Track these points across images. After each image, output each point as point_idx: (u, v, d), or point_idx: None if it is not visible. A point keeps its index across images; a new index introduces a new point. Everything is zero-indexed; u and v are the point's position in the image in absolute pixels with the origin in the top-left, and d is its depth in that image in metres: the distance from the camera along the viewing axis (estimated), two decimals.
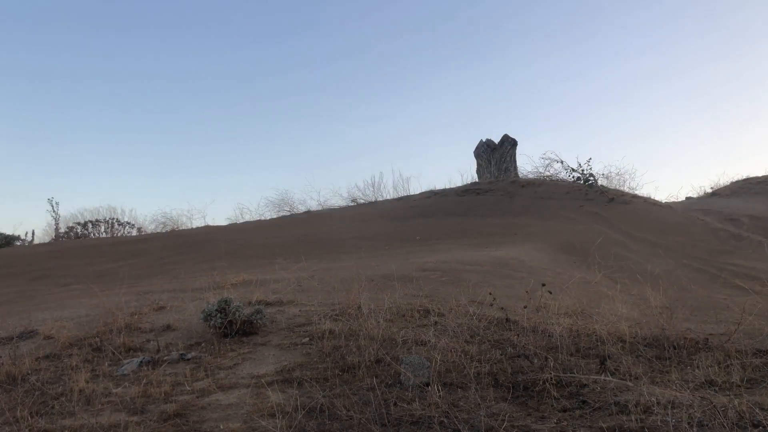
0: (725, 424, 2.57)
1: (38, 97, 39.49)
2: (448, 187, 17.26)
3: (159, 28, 41.24)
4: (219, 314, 4.48)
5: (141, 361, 3.97)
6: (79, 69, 39.76)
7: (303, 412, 2.90)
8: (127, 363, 3.97)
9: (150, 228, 19.70)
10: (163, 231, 18.62)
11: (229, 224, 18.16)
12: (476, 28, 43.72)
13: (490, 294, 5.40)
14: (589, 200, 14.10)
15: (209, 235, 14.77)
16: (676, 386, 3.16)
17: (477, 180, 17.64)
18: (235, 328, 4.47)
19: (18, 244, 17.39)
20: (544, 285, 5.07)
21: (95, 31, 39.94)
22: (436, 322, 4.54)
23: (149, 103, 41.86)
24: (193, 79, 42.51)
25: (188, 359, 4.03)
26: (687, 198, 19.65)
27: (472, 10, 43.01)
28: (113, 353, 4.23)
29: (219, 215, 51.21)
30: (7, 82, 37.00)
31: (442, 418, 2.79)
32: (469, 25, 43.27)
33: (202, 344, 4.38)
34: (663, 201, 16.35)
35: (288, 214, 18.40)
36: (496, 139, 18.05)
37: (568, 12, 42.63)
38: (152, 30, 40.97)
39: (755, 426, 2.57)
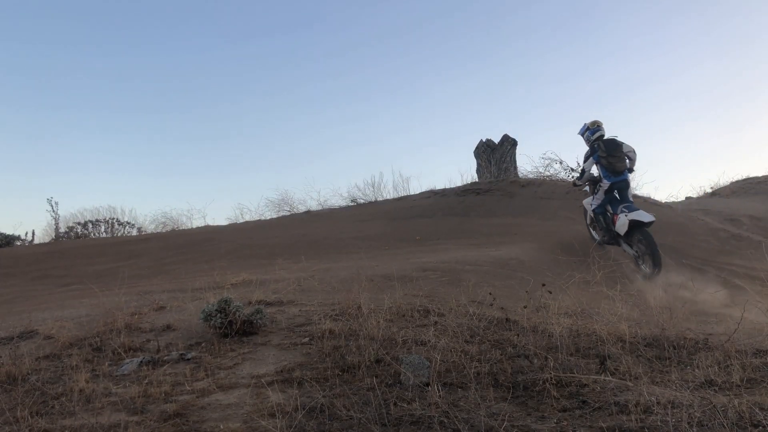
0: (725, 424, 2.57)
1: (38, 95, 39.47)
2: (448, 187, 17.26)
3: (158, 25, 41.23)
4: (219, 314, 4.48)
5: (141, 361, 3.97)
6: (78, 67, 39.74)
7: (303, 411, 2.90)
8: (127, 363, 3.97)
9: (150, 228, 19.69)
10: (163, 231, 18.60)
11: (229, 224, 18.15)
12: (476, 27, 43.70)
13: (490, 294, 5.40)
14: None
15: (209, 235, 14.77)
16: (676, 386, 3.17)
17: (477, 180, 17.63)
18: (235, 328, 4.47)
19: (18, 244, 17.36)
20: (544, 285, 5.08)
21: (94, 28, 39.92)
22: (436, 322, 4.54)
23: (149, 102, 41.84)
24: (193, 78, 42.49)
25: (188, 359, 4.03)
26: (687, 198, 19.64)
27: (471, 7, 43.00)
28: (113, 353, 4.23)
29: (219, 215, 51.17)
30: (6, 81, 36.98)
31: (442, 418, 2.80)
32: (468, 24, 43.26)
33: (202, 344, 4.38)
34: (663, 201, 16.33)
35: (288, 214, 18.38)
36: (496, 139, 18.06)
37: (568, 10, 42.62)
38: (152, 27, 40.96)
39: (755, 426, 2.57)
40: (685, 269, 9.33)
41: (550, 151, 23.80)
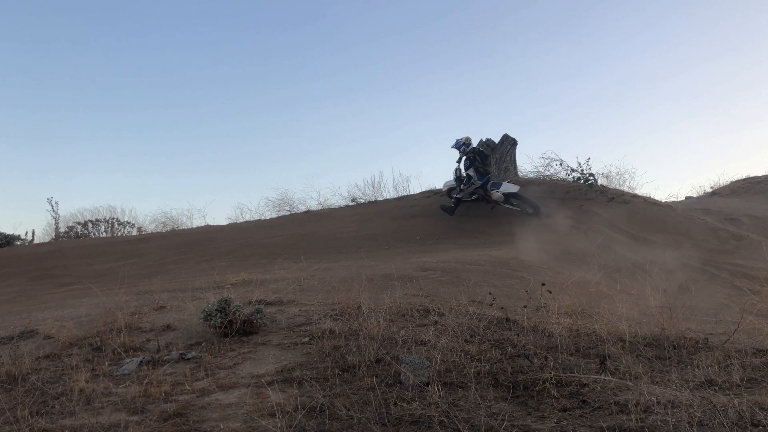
0: (725, 424, 2.58)
1: (38, 96, 39.48)
2: None
3: (158, 24, 41.23)
4: (219, 314, 4.48)
5: (141, 361, 3.98)
6: (78, 67, 39.75)
7: (303, 411, 2.90)
8: (128, 363, 3.97)
9: (150, 228, 19.69)
10: (163, 231, 18.60)
11: (229, 224, 18.14)
12: (476, 26, 43.71)
13: (490, 294, 5.41)
14: (588, 200, 14.09)
15: (209, 234, 14.77)
16: (676, 386, 3.17)
17: None
18: (235, 327, 4.47)
19: (18, 244, 17.35)
20: (543, 284, 5.08)
21: (94, 27, 39.93)
22: (436, 322, 4.54)
23: (149, 101, 41.85)
24: (192, 77, 42.50)
25: (188, 359, 4.03)
26: (687, 198, 19.65)
27: (471, 6, 43.01)
28: (113, 353, 4.23)
29: (219, 215, 51.19)
30: (6, 81, 36.99)
31: (442, 418, 2.80)
32: (468, 23, 43.26)
33: (202, 344, 4.38)
34: (663, 201, 16.32)
35: (288, 213, 18.36)
36: (496, 139, 18.04)
37: (568, 10, 42.63)
38: (151, 26, 40.97)
39: (755, 426, 2.57)
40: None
41: (550, 150, 23.79)
